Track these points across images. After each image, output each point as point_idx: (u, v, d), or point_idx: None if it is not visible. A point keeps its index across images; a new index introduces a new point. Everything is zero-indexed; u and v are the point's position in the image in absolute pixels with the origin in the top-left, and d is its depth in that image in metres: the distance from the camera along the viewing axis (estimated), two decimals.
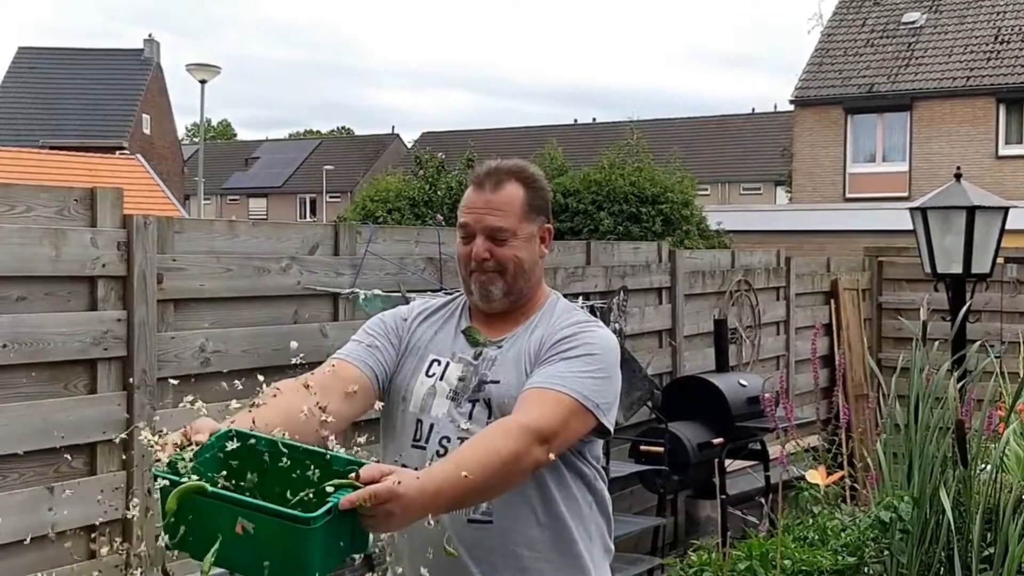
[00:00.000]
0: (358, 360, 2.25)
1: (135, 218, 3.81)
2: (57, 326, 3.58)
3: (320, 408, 2.00)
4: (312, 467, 1.79)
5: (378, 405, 2.25)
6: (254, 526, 1.63)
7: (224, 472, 1.79)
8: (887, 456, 4.42)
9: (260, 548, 1.64)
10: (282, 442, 1.82)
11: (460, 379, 2.27)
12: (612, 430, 2.24)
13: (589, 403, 2.16)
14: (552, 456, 2.07)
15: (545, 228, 2.35)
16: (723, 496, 5.82)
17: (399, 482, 1.74)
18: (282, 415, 1.96)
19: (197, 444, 1.78)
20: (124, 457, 3.78)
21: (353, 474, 1.71)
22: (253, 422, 1.91)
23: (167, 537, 1.71)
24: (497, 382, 2.24)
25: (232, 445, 1.82)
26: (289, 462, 1.80)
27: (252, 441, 1.83)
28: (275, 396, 2.03)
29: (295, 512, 1.62)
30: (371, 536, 1.78)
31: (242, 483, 1.80)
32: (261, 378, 2.09)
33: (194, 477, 1.69)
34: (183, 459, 1.72)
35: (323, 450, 1.82)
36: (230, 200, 54.36)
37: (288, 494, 1.76)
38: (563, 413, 2.11)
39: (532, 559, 2.21)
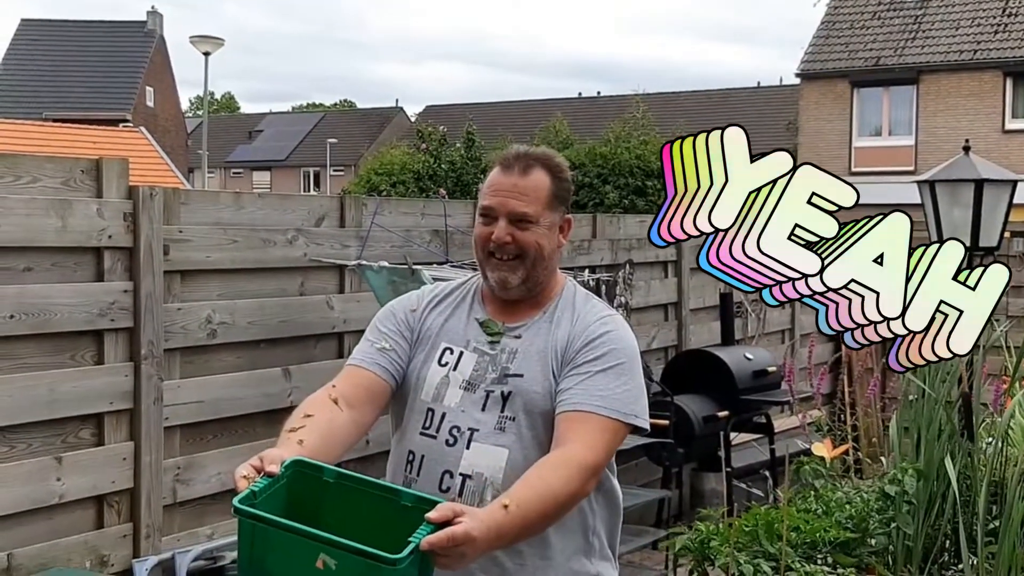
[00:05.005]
0: (373, 364, 2.26)
1: (141, 189, 3.80)
2: (63, 297, 3.58)
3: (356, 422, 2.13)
4: (381, 501, 1.85)
5: None
6: (336, 563, 1.69)
7: (288, 500, 1.84)
8: (899, 429, 4.43)
9: None
10: (351, 475, 1.87)
11: (475, 369, 2.25)
12: (648, 427, 2.26)
13: (630, 418, 2.19)
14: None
15: (566, 219, 2.34)
16: (728, 469, 5.84)
17: (472, 524, 1.80)
18: (323, 438, 2.03)
19: (269, 475, 1.81)
20: (131, 428, 3.79)
21: (427, 515, 1.77)
22: (301, 443, 1.98)
23: (242, 566, 1.78)
24: (521, 375, 2.22)
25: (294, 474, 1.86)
26: (353, 494, 1.86)
27: (315, 472, 1.87)
28: (309, 417, 2.07)
29: (383, 553, 1.67)
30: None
31: (303, 512, 1.83)
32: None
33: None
34: (260, 490, 1.78)
35: (392, 485, 1.88)
36: (234, 173, 54.19)
37: (345, 524, 1.80)
38: (610, 439, 2.16)
39: (521, 561, 2.19)
